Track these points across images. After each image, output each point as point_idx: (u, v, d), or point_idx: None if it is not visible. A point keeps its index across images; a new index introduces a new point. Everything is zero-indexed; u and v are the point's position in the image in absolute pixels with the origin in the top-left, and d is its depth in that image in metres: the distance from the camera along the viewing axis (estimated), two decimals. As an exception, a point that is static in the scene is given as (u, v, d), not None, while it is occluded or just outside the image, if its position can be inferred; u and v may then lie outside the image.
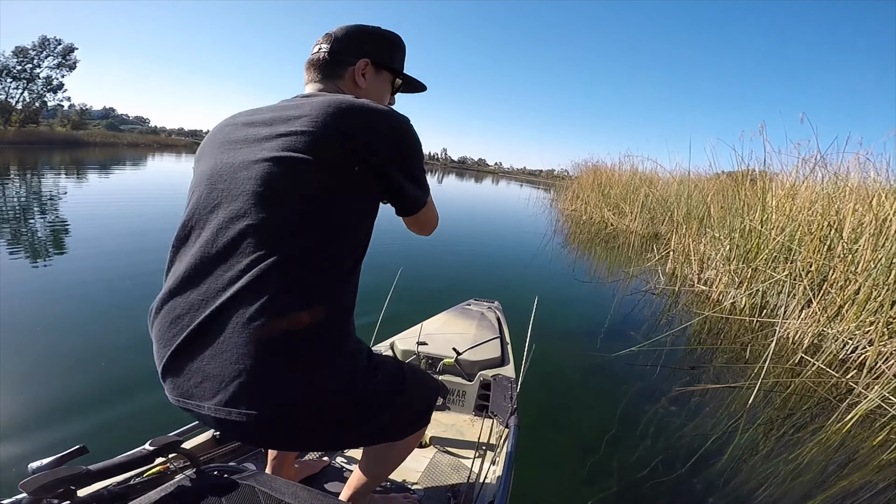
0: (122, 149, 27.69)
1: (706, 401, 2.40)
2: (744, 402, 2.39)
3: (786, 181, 4.53)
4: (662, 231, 8.08)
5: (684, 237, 5.65)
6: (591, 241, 8.12)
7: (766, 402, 2.47)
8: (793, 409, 2.43)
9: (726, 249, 4.69)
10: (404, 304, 2.97)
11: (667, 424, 2.11)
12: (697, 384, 2.56)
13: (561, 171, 21.26)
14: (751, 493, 1.70)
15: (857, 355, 2.90)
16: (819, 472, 1.89)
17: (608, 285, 4.89)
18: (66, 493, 0.59)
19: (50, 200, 6.45)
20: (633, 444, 1.91)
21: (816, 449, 2.06)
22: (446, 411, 1.56)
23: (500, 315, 2.10)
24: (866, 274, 2.99)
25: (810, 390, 2.61)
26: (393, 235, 5.67)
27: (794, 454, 2.00)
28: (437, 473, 1.19)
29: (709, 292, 4.63)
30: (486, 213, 11.73)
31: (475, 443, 1.32)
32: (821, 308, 3.22)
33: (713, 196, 5.97)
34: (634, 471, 1.73)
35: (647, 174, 10.23)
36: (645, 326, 3.52)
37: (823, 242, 3.58)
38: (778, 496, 1.71)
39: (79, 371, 1.99)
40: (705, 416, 2.24)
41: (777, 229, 4.07)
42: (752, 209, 4.56)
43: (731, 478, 1.77)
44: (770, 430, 2.18)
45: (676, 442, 1.98)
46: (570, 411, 2.20)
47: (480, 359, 1.63)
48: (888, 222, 3.13)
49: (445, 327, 1.87)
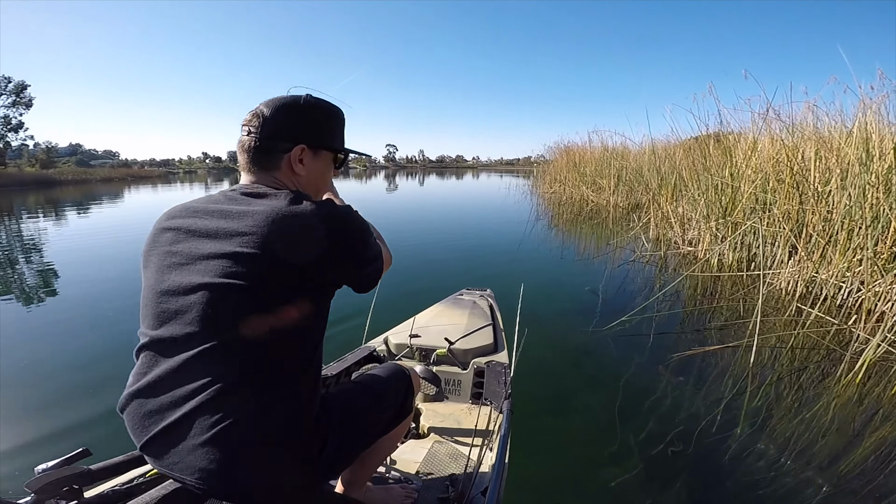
0: (95, 185, 26.89)
1: (709, 364, 2.34)
2: (748, 361, 2.31)
3: (747, 137, 4.62)
4: (642, 200, 8.15)
5: (662, 203, 5.72)
6: (575, 220, 8.14)
7: (773, 359, 2.41)
8: (802, 363, 2.36)
9: (703, 208, 4.76)
10: (396, 300, 3.09)
11: (672, 393, 2.03)
12: (697, 348, 2.50)
13: (537, 157, 21.40)
14: (778, 457, 1.59)
15: (853, 299, 2.89)
16: (846, 428, 1.78)
17: (597, 260, 4.88)
18: (73, 493, 0.62)
19: (40, 242, 6.37)
20: (641, 418, 1.84)
21: (836, 403, 1.97)
22: (443, 401, 1.55)
23: (492, 302, 2.10)
24: (842, 214, 3.05)
25: (814, 342, 2.56)
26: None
27: (813, 411, 1.90)
28: (435, 463, 1.19)
29: (695, 252, 4.68)
30: (470, 207, 11.70)
31: (472, 431, 1.32)
32: (807, 253, 3.26)
33: (682, 160, 6.05)
34: (647, 446, 1.65)
35: (617, 148, 10.36)
36: (639, 296, 3.49)
37: (795, 188, 3.65)
38: (809, 457, 1.58)
39: (83, 375, 2.24)
40: (712, 380, 2.18)
41: (747, 181, 4.14)
42: (720, 167, 4.64)
43: (750, 444, 1.66)
44: (782, 389, 2.10)
45: (686, 410, 1.90)
46: (571, 391, 2.13)
47: (473, 347, 1.64)
48: (850, 163, 3.20)
49: (438, 318, 1.87)
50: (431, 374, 1.32)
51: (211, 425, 0.58)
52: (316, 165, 0.78)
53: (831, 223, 3.14)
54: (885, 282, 2.70)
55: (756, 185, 3.95)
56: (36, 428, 1.77)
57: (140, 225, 7.60)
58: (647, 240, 5.28)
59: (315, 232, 0.63)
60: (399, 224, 7.86)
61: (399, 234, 6.59)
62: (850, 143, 3.22)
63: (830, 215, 3.18)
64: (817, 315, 2.67)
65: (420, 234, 6.71)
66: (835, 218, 3.12)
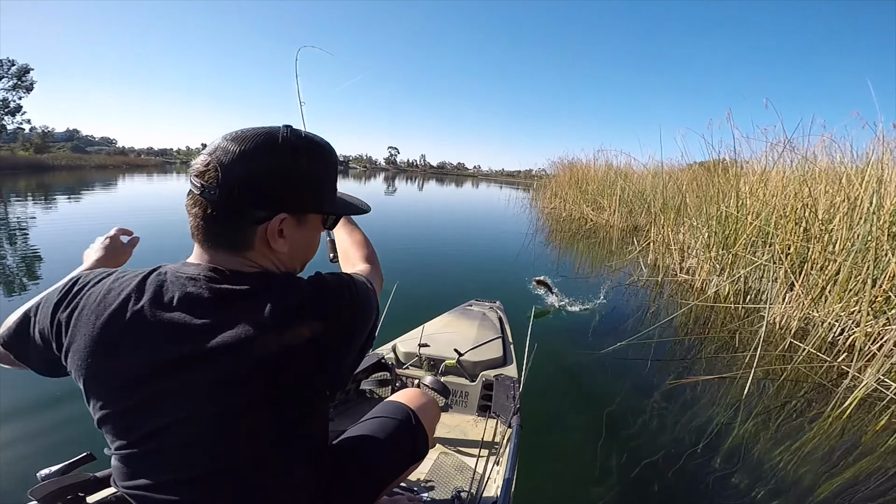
0: (89, 171, 26.39)
1: (700, 393, 2.36)
2: (738, 392, 2.36)
3: (757, 167, 4.60)
4: (641, 223, 8.16)
5: (663, 228, 5.69)
6: (573, 238, 8.14)
7: (761, 391, 2.43)
8: (788, 396, 2.39)
9: (705, 237, 4.72)
10: (404, 308, 3.01)
11: (664, 420, 2.07)
12: (689, 376, 2.52)
13: (539, 171, 21.47)
14: (757, 484, 1.66)
15: (844, 337, 2.90)
16: (825, 460, 1.85)
17: (592, 280, 4.84)
18: (76, 500, 0.61)
19: (28, 226, 6.14)
20: (631, 442, 1.86)
21: (819, 437, 2.03)
22: (450, 412, 1.55)
23: (501, 315, 2.10)
24: (845, 253, 3.01)
25: (804, 376, 2.59)
26: (388, 246, 5.48)
27: (797, 443, 1.96)
28: (441, 474, 1.19)
29: (692, 281, 4.65)
30: (469, 216, 11.67)
31: (479, 443, 1.32)
32: (804, 291, 3.23)
33: (688, 186, 6.04)
34: (634, 469, 1.68)
35: (621, 168, 10.37)
36: (632, 320, 3.48)
37: (799, 224, 3.62)
38: (786, 486, 1.67)
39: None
40: (701, 408, 2.20)
41: (752, 214, 4.11)
42: (726, 196, 4.61)
43: (734, 470, 1.73)
44: (768, 420, 2.15)
45: (676, 437, 1.94)
46: (563, 411, 2.13)
47: (482, 359, 1.64)
48: (860, 201, 3.17)
49: (447, 328, 1.87)
50: (441, 385, 1.31)
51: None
52: (301, 236, 0.58)
53: (833, 262, 3.09)
54: (877, 323, 2.71)
55: (761, 219, 3.91)
56: (36, 428, 1.69)
57: (128, 211, 7.40)
58: (645, 264, 5.24)
59: (319, 341, 0.52)
60: (398, 229, 7.85)
61: (398, 239, 6.61)
62: (861, 181, 3.19)
63: (833, 254, 3.13)
64: (810, 351, 2.68)
65: (423, 242, 6.67)
66: (837, 256, 3.07)
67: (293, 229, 0.56)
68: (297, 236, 0.57)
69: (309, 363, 0.52)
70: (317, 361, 0.52)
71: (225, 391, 0.48)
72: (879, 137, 3.31)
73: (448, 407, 1.56)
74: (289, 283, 0.54)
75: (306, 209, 0.57)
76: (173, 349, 0.48)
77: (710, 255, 4.50)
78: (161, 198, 11.62)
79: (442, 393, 1.29)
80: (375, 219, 8.97)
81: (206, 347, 0.47)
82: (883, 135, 3.31)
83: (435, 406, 0.94)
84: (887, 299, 2.76)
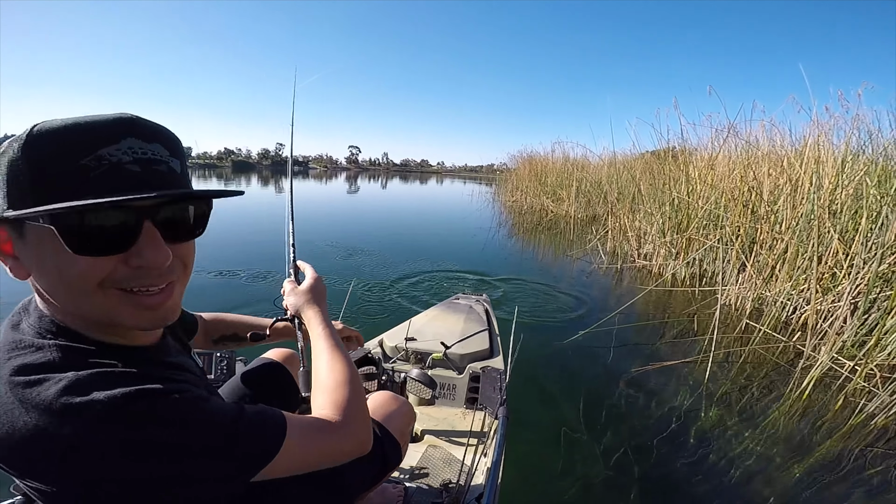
0: None
1: (664, 378, 2.34)
2: (700, 375, 2.34)
3: (704, 153, 4.73)
4: (599, 212, 8.32)
5: (619, 216, 5.78)
6: (535, 230, 8.17)
7: (723, 374, 2.42)
8: (749, 378, 2.39)
9: (659, 223, 4.81)
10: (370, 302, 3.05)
11: (632, 408, 2.06)
12: (653, 362, 2.49)
13: (500, 165, 21.63)
14: (729, 468, 1.65)
15: (797, 316, 2.97)
16: (793, 442, 1.84)
17: (555, 270, 4.82)
18: None
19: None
20: (603, 431, 1.84)
21: (783, 418, 2.02)
22: (438, 405, 1.56)
23: (488, 308, 2.13)
24: (790, 232, 3.09)
25: (762, 357, 2.61)
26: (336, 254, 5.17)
27: (762, 426, 1.95)
28: (429, 467, 1.21)
29: (650, 266, 4.72)
30: (434, 212, 11.48)
31: (466, 435, 1.33)
32: (755, 271, 3.31)
33: (641, 174, 6.17)
34: (609, 460, 1.66)
35: (578, 160, 10.56)
36: (595, 308, 3.46)
37: (747, 206, 3.72)
38: (757, 469, 1.65)
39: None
40: (667, 394, 2.19)
41: (703, 198, 4.20)
42: (677, 182, 4.71)
43: (704, 455, 1.72)
44: (732, 403, 2.14)
45: (645, 425, 1.93)
46: (530, 404, 2.05)
47: (469, 351, 1.66)
48: (801, 182, 3.28)
49: (434, 322, 1.88)
50: (427, 378, 1.32)
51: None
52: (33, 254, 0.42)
53: (780, 241, 3.17)
54: (826, 300, 2.77)
55: (711, 202, 3.99)
56: None
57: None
58: (605, 252, 5.29)
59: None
60: (361, 227, 7.54)
61: (358, 237, 6.40)
62: (800, 163, 3.29)
63: (779, 234, 3.22)
64: (765, 332, 2.72)
65: (382, 238, 6.47)
66: (784, 236, 3.16)
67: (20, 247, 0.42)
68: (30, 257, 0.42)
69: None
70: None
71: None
72: (814, 120, 3.45)
73: (434, 399, 1.54)
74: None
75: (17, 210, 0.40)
76: None
77: (665, 241, 4.58)
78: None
79: (428, 385, 1.31)
80: (336, 220, 8.65)
81: None
82: (817, 118, 3.45)
83: (406, 407, 0.89)
84: (833, 276, 2.85)
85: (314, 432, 0.52)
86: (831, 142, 3.28)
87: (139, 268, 0.42)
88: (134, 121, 0.42)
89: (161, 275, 0.44)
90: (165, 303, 0.46)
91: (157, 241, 0.42)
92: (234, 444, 0.43)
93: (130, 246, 0.41)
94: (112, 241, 0.41)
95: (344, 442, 0.55)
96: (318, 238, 5.70)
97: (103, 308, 0.42)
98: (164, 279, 0.45)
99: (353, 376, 0.63)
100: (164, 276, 0.45)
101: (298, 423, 0.50)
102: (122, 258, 0.41)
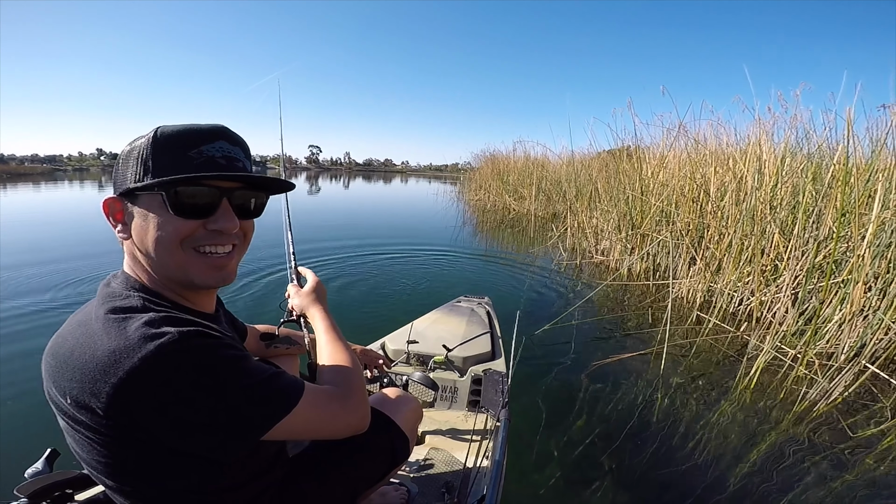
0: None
1: (622, 371, 2.35)
2: (657, 367, 2.37)
3: (656, 151, 4.88)
4: (559, 210, 8.48)
5: (578, 213, 5.88)
6: (498, 227, 8.19)
7: (677, 365, 2.45)
8: (702, 369, 2.44)
9: (615, 220, 4.92)
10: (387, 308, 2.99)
11: (595, 402, 2.07)
12: (612, 355, 2.50)
13: (464, 164, 21.65)
14: (688, 458, 1.68)
15: (744, 307, 3.08)
16: (744, 431, 1.87)
17: (517, 267, 4.80)
18: (63, 497, 0.64)
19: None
20: (567, 425, 1.85)
21: (734, 407, 2.06)
22: (441, 408, 1.54)
23: (490, 310, 2.12)
24: (735, 227, 3.21)
25: (713, 348, 2.68)
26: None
27: (716, 415, 1.98)
28: (431, 469, 1.21)
29: (607, 262, 4.82)
30: (398, 213, 11.25)
31: (468, 438, 1.34)
32: (704, 264, 3.41)
33: (598, 173, 6.32)
34: (572, 453, 1.68)
35: (538, 159, 10.73)
36: (556, 304, 3.45)
37: (696, 202, 3.85)
38: (713, 459, 1.68)
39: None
40: (626, 387, 2.20)
41: (655, 195, 4.33)
42: (631, 180, 4.83)
43: (664, 445, 1.75)
44: (686, 393, 2.16)
45: (608, 417, 1.93)
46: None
47: (471, 354, 1.66)
48: (744, 179, 3.43)
49: (436, 325, 1.88)
50: (429, 381, 1.31)
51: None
52: (137, 224, 0.56)
53: (727, 236, 3.29)
54: (769, 291, 2.88)
55: (663, 199, 4.10)
56: (23, 424, 1.63)
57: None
58: (565, 249, 5.34)
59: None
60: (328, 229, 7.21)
61: (328, 240, 6.18)
62: (744, 160, 3.43)
63: (726, 228, 3.34)
64: (715, 323, 2.79)
65: (344, 240, 6.25)
66: (729, 231, 3.28)
67: (128, 215, 0.57)
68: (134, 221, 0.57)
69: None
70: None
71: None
72: (757, 120, 3.62)
73: (436, 401, 1.55)
74: (131, 255, 0.59)
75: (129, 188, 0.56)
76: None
77: (620, 237, 4.68)
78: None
79: (430, 388, 1.30)
80: (298, 220, 8.07)
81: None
82: (759, 118, 3.62)
83: (415, 404, 0.95)
84: (775, 268, 2.98)
85: (324, 399, 0.60)
86: (772, 140, 3.44)
87: (214, 231, 0.57)
88: (224, 130, 0.58)
89: (229, 239, 0.59)
90: (228, 265, 0.60)
91: (230, 213, 0.58)
92: (267, 390, 0.52)
93: (212, 214, 0.57)
94: (201, 208, 0.56)
95: (348, 413, 0.63)
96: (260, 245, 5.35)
97: (181, 264, 0.56)
98: (229, 242, 0.60)
99: (354, 361, 0.73)
100: (230, 239, 0.59)
101: (312, 389, 0.60)
102: (203, 223, 0.56)
